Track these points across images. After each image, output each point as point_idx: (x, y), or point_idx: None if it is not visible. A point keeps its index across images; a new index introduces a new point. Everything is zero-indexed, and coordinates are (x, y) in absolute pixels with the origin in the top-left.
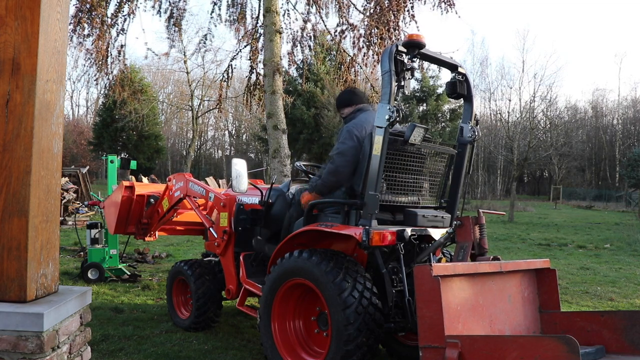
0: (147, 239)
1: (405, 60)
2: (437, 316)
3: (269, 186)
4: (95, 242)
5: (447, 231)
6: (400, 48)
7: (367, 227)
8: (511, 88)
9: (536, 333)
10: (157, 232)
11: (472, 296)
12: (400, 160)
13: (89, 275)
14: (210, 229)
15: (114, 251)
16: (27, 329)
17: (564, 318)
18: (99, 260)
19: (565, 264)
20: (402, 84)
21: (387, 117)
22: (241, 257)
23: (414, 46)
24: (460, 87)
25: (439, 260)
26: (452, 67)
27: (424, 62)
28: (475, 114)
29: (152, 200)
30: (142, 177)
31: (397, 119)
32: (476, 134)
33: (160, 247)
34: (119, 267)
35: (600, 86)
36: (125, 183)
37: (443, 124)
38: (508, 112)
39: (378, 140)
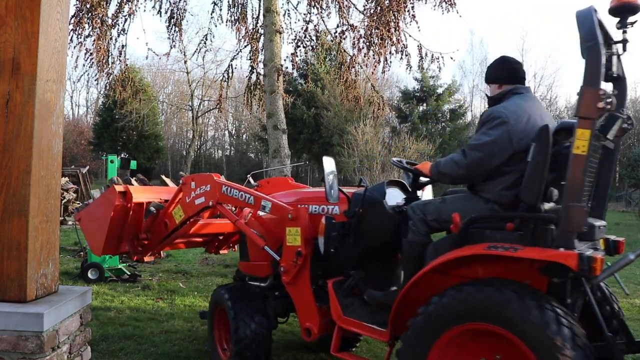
0: (146, 258)
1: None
2: None
3: (356, 190)
4: None
5: None
6: (604, 14)
7: (582, 252)
8: None
9: None
10: (162, 251)
11: None
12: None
13: (89, 275)
14: (266, 247)
15: None
16: (27, 329)
17: None
18: (99, 260)
19: None
20: (610, 62)
21: (599, 105)
22: (330, 286)
23: (628, 11)
24: (618, 67)
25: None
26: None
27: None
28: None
29: (152, 209)
30: (130, 178)
31: (611, 108)
32: (632, 123)
33: None
34: (119, 267)
35: None
36: (118, 187)
37: (443, 124)
38: None
39: (584, 135)
